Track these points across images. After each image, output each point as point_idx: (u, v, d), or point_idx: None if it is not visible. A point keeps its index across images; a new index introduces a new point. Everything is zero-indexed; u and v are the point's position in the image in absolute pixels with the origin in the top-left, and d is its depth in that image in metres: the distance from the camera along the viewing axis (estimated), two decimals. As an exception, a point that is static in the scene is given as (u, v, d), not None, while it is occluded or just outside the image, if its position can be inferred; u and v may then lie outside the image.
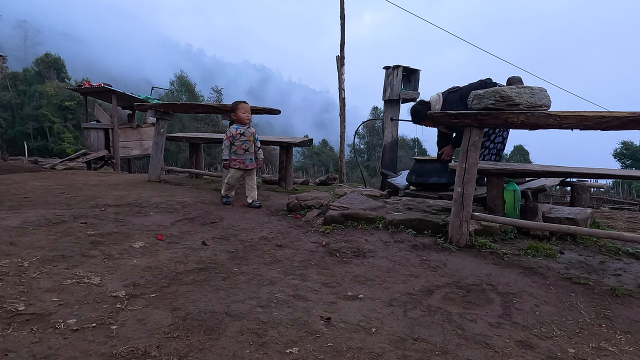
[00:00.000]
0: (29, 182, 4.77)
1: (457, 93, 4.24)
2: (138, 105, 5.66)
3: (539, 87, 2.65)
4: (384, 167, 6.56)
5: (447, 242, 2.90)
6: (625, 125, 2.34)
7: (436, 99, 4.32)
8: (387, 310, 1.90)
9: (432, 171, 4.72)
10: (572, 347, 1.64)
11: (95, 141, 9.83)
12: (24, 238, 2.56)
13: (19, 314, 1.63)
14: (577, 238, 3.13)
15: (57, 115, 32.50)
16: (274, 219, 3.56)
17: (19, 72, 37.07)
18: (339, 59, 8.86)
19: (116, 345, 1.47)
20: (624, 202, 13.34)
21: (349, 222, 3.36)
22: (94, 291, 1.89)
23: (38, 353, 1.39)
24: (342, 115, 9.00)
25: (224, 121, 4.93)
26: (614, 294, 2.17)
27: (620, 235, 2.58)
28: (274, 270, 2.34)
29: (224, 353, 1.47)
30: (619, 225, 4.86)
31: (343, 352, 1.52)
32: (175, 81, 37.53)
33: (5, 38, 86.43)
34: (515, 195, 3.37)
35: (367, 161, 36.60)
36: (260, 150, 4.23)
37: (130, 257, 2.39)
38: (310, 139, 5.64)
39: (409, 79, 6.84)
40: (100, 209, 3.47)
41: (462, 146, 2.90)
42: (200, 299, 1.90)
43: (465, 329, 1.75)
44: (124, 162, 10.54)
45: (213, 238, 2.90)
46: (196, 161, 6.02)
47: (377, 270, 2.43)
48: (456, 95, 4.23)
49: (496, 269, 2.48)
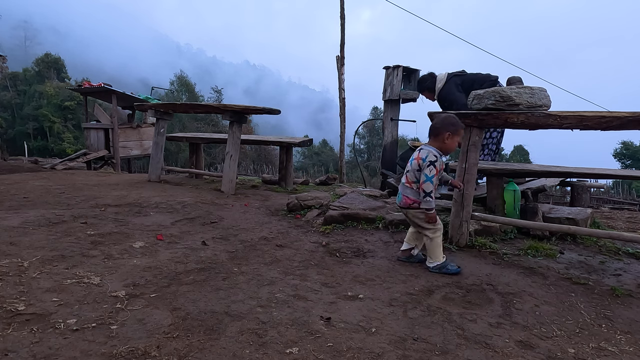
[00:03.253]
0: (29, 182, 4.76)
1: (459, 78, 4.41)
2: (138, 105, 5.66)
3: (539, 87, 2.65)
4: (384, 167, 6.56)
5: (447, 242, 2.89)
6: (625, 125, 2.34)
7: (442, 77, 4.50)
8: (387, 310, 1.90)
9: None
10: (572, 347, 1.64)
11: (95, 141, 9.82)
12: (24, 238, 2.56)
13: (19, 314, 1.63)
14: (577, 238, 3.13)
15: (57, 115, 32.50)
16: (274, 219, 3.56)
17: (19, 72, 37.05)
18: (339, 59, 8.86)
19: (116, 345, 1.47)
20: (624, 202, 13.34)
21: (349, 222, 3.36)
22: (94, 291, 1.89)
23: (38, 353, 1.39)
24: (342, 115, 8.99)
25: (224, 121, 4.94)
26: (614, 294, 2.17)
27: (620, 235, 2.58)
28: (274, 270, 2.34)
29: (224, 353, 1.47)
30: (619, 225, 4.86)
31: (343, 352, 1.52)
32: (175, 81, 37.52)
33: (5, 38, 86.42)
34: (515, 195, 3.37)
35: (367, 161, 36.57)
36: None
37: (130, 257, 2.39)
38: (310, 139, 5.64)
39: (409, 79, 6.83)
40: (100, 209, 3.47)
41: (462, 146, 2.89)
42: (200, 299, 1.90)
43: (465, 329, 1.75)
44: (124, 162, 10.54)
45: (213, 238, 2.90)
46: (196, 161, 6.02)
47: (377, 270, 2.43)
48: (458, 79, 4.40)
49: (496, 269, 2.48)
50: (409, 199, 2.48)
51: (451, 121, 2.48)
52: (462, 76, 4.40)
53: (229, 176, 4.62)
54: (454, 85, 4.33)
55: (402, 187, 2.55)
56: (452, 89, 4.30)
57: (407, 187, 2.51)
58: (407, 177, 2.51)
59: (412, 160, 2.51)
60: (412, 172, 2.48)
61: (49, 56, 38.41)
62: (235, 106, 4.51)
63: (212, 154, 27.67)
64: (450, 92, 4.29)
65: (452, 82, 4.37)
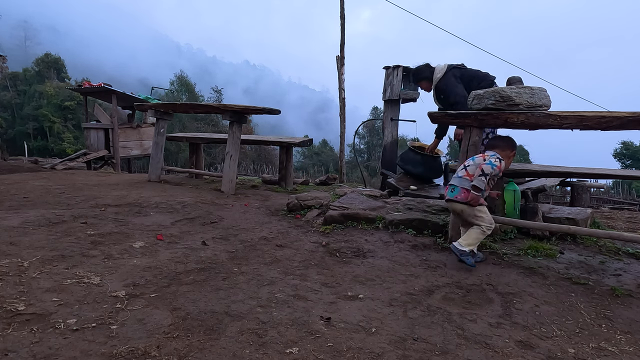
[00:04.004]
0: (29, 182, 4.76)
1: (458, 71, 4.38)
2: (138, 105, 5.66)
3: (539, 87, 2.65)
4: (384, 167, 6.56)
5: (447, 242, 2.89)
6: (625, 125, 2.34)
7: (441, 68, 4.45)
8: (387, 310, 1.90)
9: (411, 161, 5.13)
10: (572, 347, 1.64)
11: (95, 141, 9.82)
12: (24, 238, 2.56)
13: (19, 314, 1.63)
14: (577, 238, 3.13)
15: (57, 115, 32.49)
16: (274, 219, 3.56)
17: (19, 72, 37.04)
18: (339, 59, 8.86)
19: (116, 345, 1.47)
20: (624, 202, 13.34)
21: (349, 222, 3.36)
22: (94, 291, 1.89)
23: (38, 353, 1.39)
24: (342, 115, 9.00)
25: (224, 121, 4.94)
26: (614, 294, 2.17)
27: (620, 235, 2.58)
28: (274, 270, 2.34)
29: (224, 353, 1.47)
30: (619, 225, 4.86)
31: (343, 352, 1.52)
32: (175, 81, 37.52)
33: (5, 38, 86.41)
34: (515, 195, 3.37)
35: (367, 161, 36.56)
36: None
37: (130, 257, 2.39)
38: (310, 139, 5.64)
39: (409, 79, 6.84)
40: (100, 209, 3.47)
41: (462, 146, 2.90)
42: (200, 299, 1.90)
43: (465, 329, 1.75)
44: (124, 162, 10.54)
45: (213, 238, 2.90)
46: (196, 161, 6.02)
47: (377, 270, 2.43)
48: (457, 72, 4.36)
49: (496, 269, 2.48)
50: (467, 193, 2.49)
51: (514, 144, 2.69)
52: (461, 69, 4.38)
53: (229, 176, 4.62)
54: (454, 77, 4.31)
55: (459, 180, 2.57)
56: (452, 80, 4.26)
57: (466, 179, 2.54)
58: (467, 170, 2.56)
59: (475, 157, 2.62)
60: (475, 166, 2.53)
61: (49, 56, 38.41)
62: (235, 106, 4.51)
63: (212, 154, 27.66)
64: (450, 84, 4.26)
65: (452, 74, 4.35)
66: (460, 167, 2.63)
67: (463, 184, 2.53)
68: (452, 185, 2.60)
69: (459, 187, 2.55)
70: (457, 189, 2.55)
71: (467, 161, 2.62)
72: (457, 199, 2.53)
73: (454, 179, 2.62)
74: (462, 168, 2.61)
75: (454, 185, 2.58)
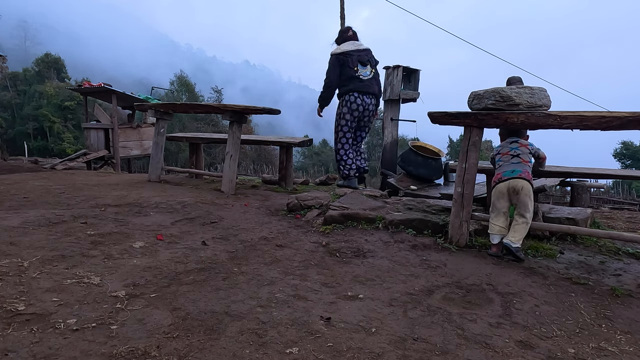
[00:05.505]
0: (29, 182, 4.76)
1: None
2: (138, 105, 5.66)
3: (539, 87, 2.65)
4: (384, 167, 6.56)
5: (447, 242, 2.90)
6: (625, 125, 2.34)
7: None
8: (387, 310, 1.90)
9: (412, 162, 5.38)
10: (572, 347, 1.64)
11: (95, 141, 9.82)
12: (24, 238, 2.56)
13: (19, 314, 1.63)
14: (577, 238, 3.13)
15: (57, 115, 32.48)
16: (274, 219, 3.56)
17: (19, 72, 37.03)
18: (339, 59, 8.84)
19: (116, 345, 1.47)
20: (624, 202, 13.33)
21: (349, 222, 3.36)
22: (94, 291, 1.89)
23: (38, 353, 1.39)
24: (342, 115, 8.98)
25: (224, 121, 4.94)
26: (614, 294, 2.17)
27: (620, 235, 2.58)
28: (274, 270, 2.34)
29: (224, 353, 1.47)
30: (619, 225, 4.86)
31: (343, 352, 1.52)
32: (175, 81, 37.52)
33: (5, 38, 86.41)
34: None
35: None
36: None
37: (130, 257, 2.39)
38: (310, 139, 5.64)
39: (409, 79, 6.84)
40: (100, 209, 3.47)
41: (462, 146, 2.90)
42: (200, 299, 1.90)
43: (465, 329, 1.75)
44: (124, 162, 10.53)
45: (213, 238, 2.90)
46: (196, 161, 6.02)
47: (377, 270, 2.43)
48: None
49: (496, 269, 2.49)
50: (529, 174, 2.79)
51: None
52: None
53: (229, 176, 4.62)
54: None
55: (519, 165, 2.80)
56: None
57: (525, 164, 2.82)
58: (522, 158, 2.84)
59: (517, 147, 2.88)
60: (525, 154, 2.86)
61: (49, 56, 38.39)
62: (235, 106, 4.51)
63: (212, 154, 27.67)
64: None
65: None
66: (509, 157, 2.86)
67: (524, 167, 2.80)
68: (510, 170, 2.80)
69: (520, 169, 2.78)
70: (518, 170, 2.78)
71: (515, 151, 2.86)
72: (521, 176, 2.76)
73: (511, 164, 2.82)
74: (514, 156, 2.85)
75: (514, 169, 2.80)
